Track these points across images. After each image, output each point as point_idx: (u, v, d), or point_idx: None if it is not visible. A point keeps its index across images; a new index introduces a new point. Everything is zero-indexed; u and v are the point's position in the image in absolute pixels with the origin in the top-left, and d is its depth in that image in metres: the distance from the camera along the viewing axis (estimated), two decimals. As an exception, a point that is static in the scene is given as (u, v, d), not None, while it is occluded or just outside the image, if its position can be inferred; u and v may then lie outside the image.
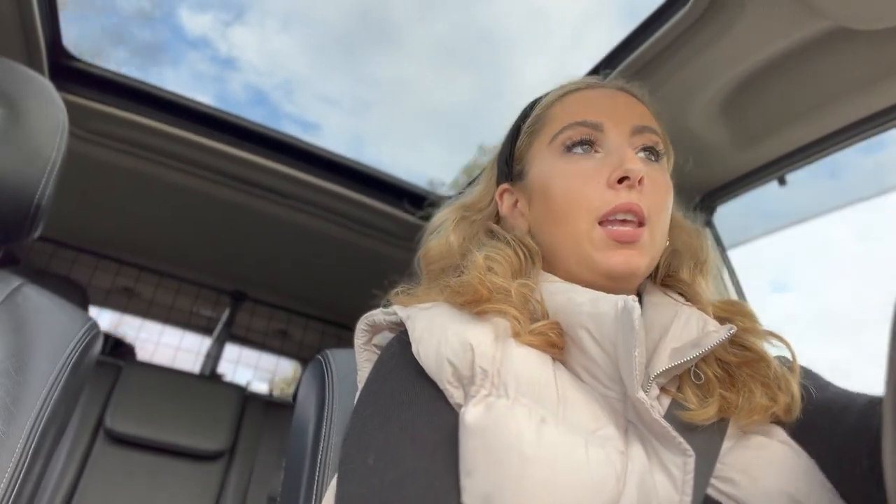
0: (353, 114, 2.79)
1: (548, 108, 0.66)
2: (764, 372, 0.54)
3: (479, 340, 0.49)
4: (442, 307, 0.55)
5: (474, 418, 0.45)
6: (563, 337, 0.53)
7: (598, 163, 0.58)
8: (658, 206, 0.58)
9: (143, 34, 2.51)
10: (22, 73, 0.77)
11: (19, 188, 0.71)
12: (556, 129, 0.62)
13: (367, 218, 1.76)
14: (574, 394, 0.49)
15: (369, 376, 0.55)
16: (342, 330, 2.66)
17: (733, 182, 1.18)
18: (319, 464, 0.64)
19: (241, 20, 2.53)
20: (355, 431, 0.50)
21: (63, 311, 0.74)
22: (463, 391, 0.48)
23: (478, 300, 0.53)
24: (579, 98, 0.65)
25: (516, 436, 0.43)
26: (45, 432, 0.64)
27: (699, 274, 0.65)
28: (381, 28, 2.32)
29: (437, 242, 0.67)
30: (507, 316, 0.52)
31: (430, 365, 0.50)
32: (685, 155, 0.73)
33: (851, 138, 0.98)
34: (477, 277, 0.54)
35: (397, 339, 0.56)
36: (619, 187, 0.56)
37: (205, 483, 1.93)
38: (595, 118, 0.60)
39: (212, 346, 2.57)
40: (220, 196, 1.73)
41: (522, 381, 0.47)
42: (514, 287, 0.54)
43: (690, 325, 0.55)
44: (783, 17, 0.81)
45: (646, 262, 0.56)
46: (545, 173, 0.61)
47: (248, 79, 2.71)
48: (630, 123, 0.61)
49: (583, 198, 0.57)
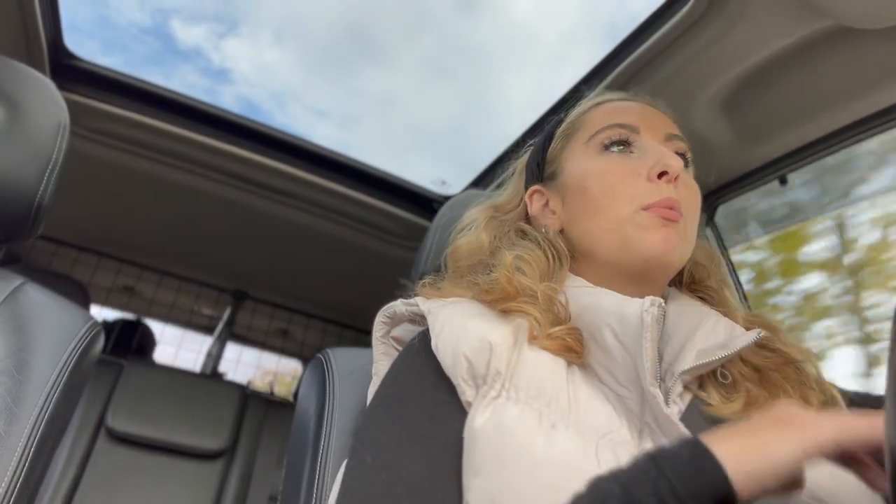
0: (341, 126, 2.83)
1: (583, 114, 0.69)
2: (794, 375, 0.54)
3: (499, 341, 0.50)
4: (465, 303, 0.56)
5: (483, 421, 0.45)
6: (582, 342, 0.53)
7: (635, 160, 0.61)
8: (690, 206, 0.60)
9: (137, 46, 2.55)
10: (23, 72, 0.77)
11: (20, 187, 0.71)
12: (593, 131, 0.64)
13: (368, 217, 1.76)
14: (587, 396, 0.49)
15: (386, 374, 0.56)
16: (343, 329, 2.66)
17: (734, 182, 1.18)
18: (320, 462, 0.64)
19: (234, 32, 2.57)
20: (362, 429, 0.50)
21: (64, 310, 0.74)
22: (476, 390, 0.48)
23: (504, 298, 0.54)
24: (613, 107, 0.68)
25: (526, 440, 0.43)
26: (46, 431, 0.64)
27: (725, 287, 0.67)
28: (369, 43, 2.36)
29: (467, 240, 0.69)
30: (528, 317, 0.53)
31: (447, 360, 0.50)
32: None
33: (852, 138, 0.98)
34: (505, 276, 0.55)
35: (420, 337, 0.56)
36: (658, 182, 0.58)
37: (206, 482, 1.93)
38: (632, 122, 0.63)
39: (213, 345, 2.57)
40: (221, 195, 1.73)
41: (534, 386, 0.47)
42: (541, 289, 0.55)
43: (718, 329, 0.55)
44: (784, 16, 0.81)
45: (680, 249, 0.58)
46: (582, 170, 0.63)
47: (240, 90, 2.74)
48: (663, 131, 0.64)
49: (625, 189, 0.59)
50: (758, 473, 0.35)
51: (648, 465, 0.36)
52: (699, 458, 0.36)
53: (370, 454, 0.46)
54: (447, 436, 0.47)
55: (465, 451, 0.45)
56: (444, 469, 0.45)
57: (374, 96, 2.54)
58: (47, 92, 0.77)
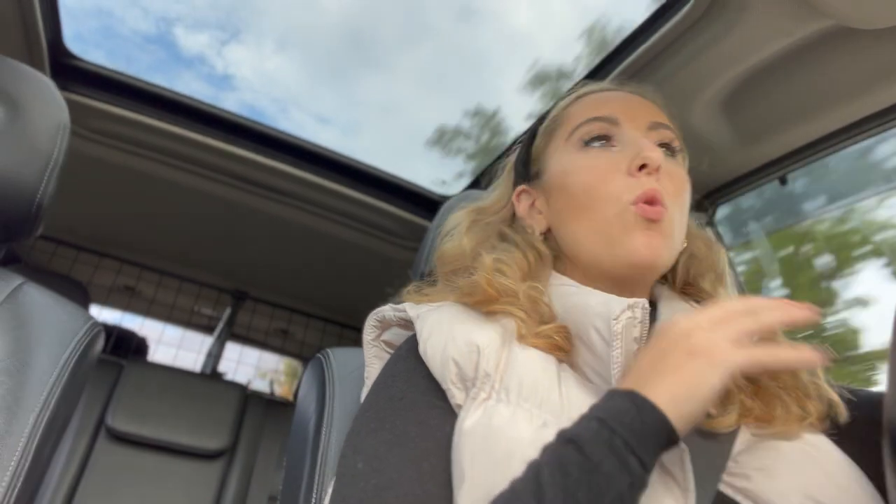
0: (344, 132, 2.84)
1: (564, 109, 0.67)
2: (791, 382, 0.54)
3: (486, 343, 0.49)
4: (451, 307, 0.56)
5: (473, 423, 0.45)
6: (570, 340, 0.53)
7: (617, 154, 0.59)
8: (675, 195, 0.58)
9: (142, 55, 2.56)
10: (23, 72, 0.77)
11: (20, 187, 0.71)
12: (573, 126, 0.63)
13: (368, 217, 1.76)
14: (579, 396, 0.49)
15: (376, 379, 0.56)
16: (343, 329, 2.66)
17: (734, 182, 1.18)
18: (319, 463, 0.64)
19: (237, 40, 2.58)
20: (352, 434, 0.50)
21: (64, 310, 0.74)
22: (465, 393, 0.48)
23: (487, 300, 0.54)
24: (595, 98, 0.66)
25: (516, 440, 0.43)
26: (46, 431, 0.64)
27: (720, 286, 0.66)
28: (371, 51, 2.37)
29: (450, 245, 0.67)
30: (513, 317, 0.53)
31: (436, 365, 0.50)
32: (686, 154, 0.73)
33: (852, 138, 0.98)
34: (485, 278, 0.54)
35: (407, 343, 0.56)
36: (638, 174, 0.57)
37: (205, 482, 1.93)
38: (611, 114, 0.62)
39: (213, 345, 2.58)
40: (221, 195, 1.73)
41: (525, 386, 0.47)
42: (523, 289, 0.55)
43: None
44: (784, 16, 0.81)
45: (665, 250, 0.56)
46: (564, 168, 0.62)
47: (244, 97, 2.75)
48: (646, 120, 0.62)
49: (605, 187, 0.57)
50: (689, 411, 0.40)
51: (599, 427, 0.39)
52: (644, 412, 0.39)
53: (361, 460, 0.46)
54: (438, 440, 0.46)
55: (455, 452, 0.45)
56: (435, 473, 0.45)
57: (376, 102, 2.55)
58: (47, 92, 0.77)
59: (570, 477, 0.37)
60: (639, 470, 0.37)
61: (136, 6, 2.29)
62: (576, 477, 0.37)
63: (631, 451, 0.37)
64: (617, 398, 0.41)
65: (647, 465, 0.38)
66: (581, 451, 0.38)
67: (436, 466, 0.45)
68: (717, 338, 0.42)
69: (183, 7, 2.43)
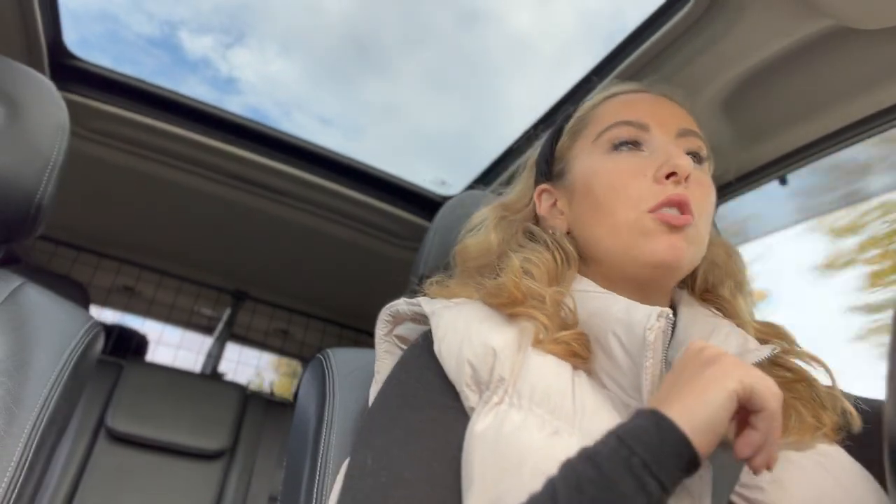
0: (346, 135, 2.84)
1: (592, 109, 0.66)
2: (807, 393, 0.53)
3: (503, 346, 0.49)
4: (469, 306, 0.55)
5: (484, 427, 0.45)
6: (588, 347, 0.53)
7: (644, 160, 0.58)
8: (703, 204, 0.58)
9: (147, 59, 2.57)
10: (23, 73, 0.77)
11: (20, 187, 0.71)
12: (601, 128, 0.62)
13: (368, 217, 1.76)
14: (594, 403, 0.48)
15: (389, 375, 0.55)
16: (343, 329, 2.66)
17: (734, 182, 1.18)
18: (320, 463, 0.64)
19: (241, 43, 2.59)
20: (364, 430, 0.50)
21: (64, 311, 0.74)
22: (479, 395, 0.48)
23: (512, 303, 0.53)
24: (624, 100, 0.65)
25: (527, 446, 0.43)
26: (46, 431, 0.64)
27: (739, 293, 0.65)
28: (373, 55, 2.38)
29: (476, 240, 0.67)
30: (535, 322, 0.52)
31: (451, 366, 0.50)
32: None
33: (852, 138, 0.98)
34: (513, 281, 0.54)
35: (422, 339, 0.56)
36: (665, 182, 0.56)
37: (205, 482, 1.93)
38: (641, 119, 0.61)
39: (213, 346, 2.57)
40: (221, 195, 1.73)
41: (538, 392, 0.47)
42: (550, 293, 0.54)
43: (730, 341, 0.54)
44: (784, 16, 0.81)
45: (689, 254, 0.56)
46: (589, 170, 0.61)
47: (247, 100, 2.75)
48: (675, 127, 0.61)
49: (630, 191, 0.57)
50: (704, 419, 0.38)
51: (618, 445, 0.38)
52: (663, 430, 0.38)
53: (371, 456, 0.46)
54: (449, 440, 0.46)
55: (465, 455, 0.45)
56: (445, 474, 0.44)
57: (378, 106, 2.56)
58: (47, 92, 0.77)
59: (584, 494, 0.36)
60: (658, 492, 0.36)
61: (141, 11, 2.30)
62: (591, 495, 0.36)
63: (650, 472, 0.36)
64: (639, 417, 0.40)
65: (667, 488, 0.37)
66: (598, 468, 0.37)
67: (447, 467, 0.45)
68: (732, 357, 0.42)
69: (187, 11, 2.44)
